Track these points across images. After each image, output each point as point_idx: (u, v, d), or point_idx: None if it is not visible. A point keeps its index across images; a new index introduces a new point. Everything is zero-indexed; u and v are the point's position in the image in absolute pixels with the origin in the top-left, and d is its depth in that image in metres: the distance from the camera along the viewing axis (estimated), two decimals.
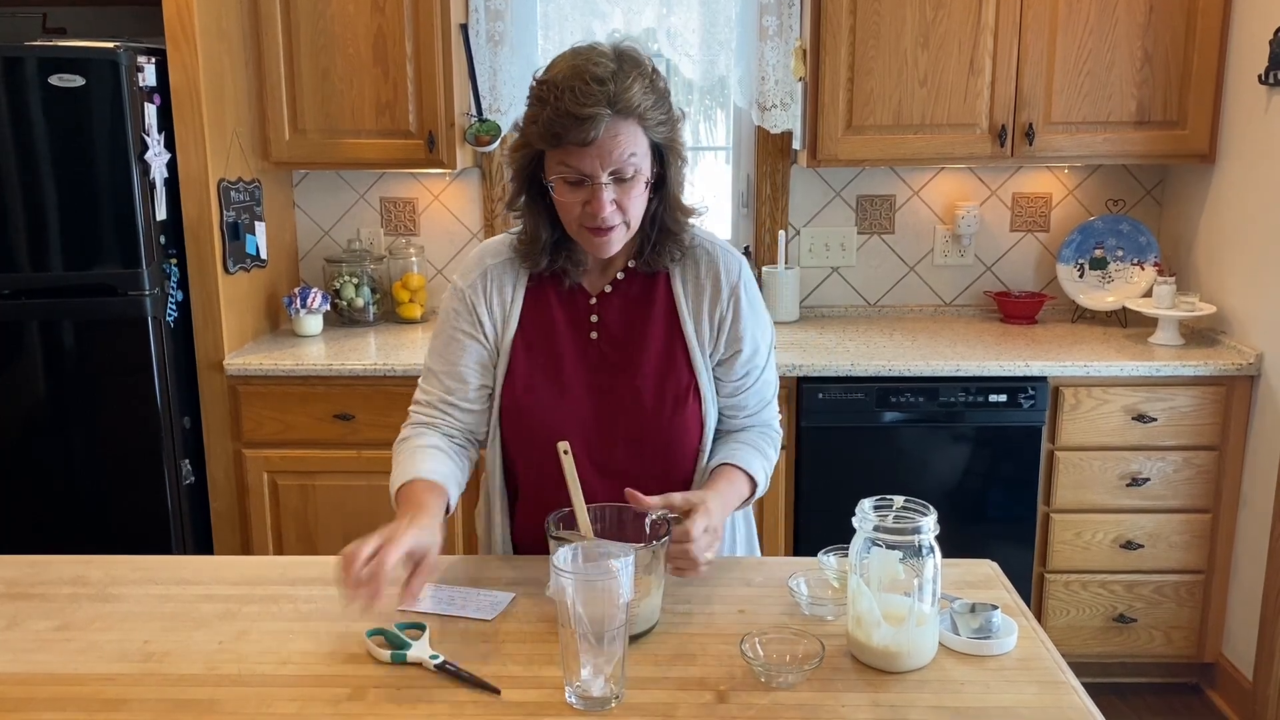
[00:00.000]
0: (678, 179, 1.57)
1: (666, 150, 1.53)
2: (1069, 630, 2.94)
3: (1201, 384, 2.82)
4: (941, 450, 2.87)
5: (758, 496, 1.65)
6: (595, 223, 1.49)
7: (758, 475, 1.61)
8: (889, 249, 3.43)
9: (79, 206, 2.70)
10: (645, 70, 1.48)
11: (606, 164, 1.45)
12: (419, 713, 1.20)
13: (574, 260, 1.61)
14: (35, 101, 2.63)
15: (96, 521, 2.86)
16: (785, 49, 3.14)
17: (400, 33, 2.98)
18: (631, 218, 1.51)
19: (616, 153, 1.45)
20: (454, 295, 1.65)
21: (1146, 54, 2.95)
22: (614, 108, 1.43)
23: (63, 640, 1.37)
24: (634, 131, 1.46)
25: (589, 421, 1.58)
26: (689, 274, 1.62)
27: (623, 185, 1.48)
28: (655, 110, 1.48)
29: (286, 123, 3.05)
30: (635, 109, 1.45)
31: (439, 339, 1.66)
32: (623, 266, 1.63)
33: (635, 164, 1.47)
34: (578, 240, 1.56)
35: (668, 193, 1.56)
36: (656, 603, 1.37)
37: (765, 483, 1.65)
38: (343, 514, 2.94)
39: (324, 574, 1.55)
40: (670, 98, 1.53)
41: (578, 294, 1.63)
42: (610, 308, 1.62)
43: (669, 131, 1.52)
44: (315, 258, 3.46)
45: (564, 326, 1.62)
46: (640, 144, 1.48)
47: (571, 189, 1.49)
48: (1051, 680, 1.26)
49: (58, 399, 2.80)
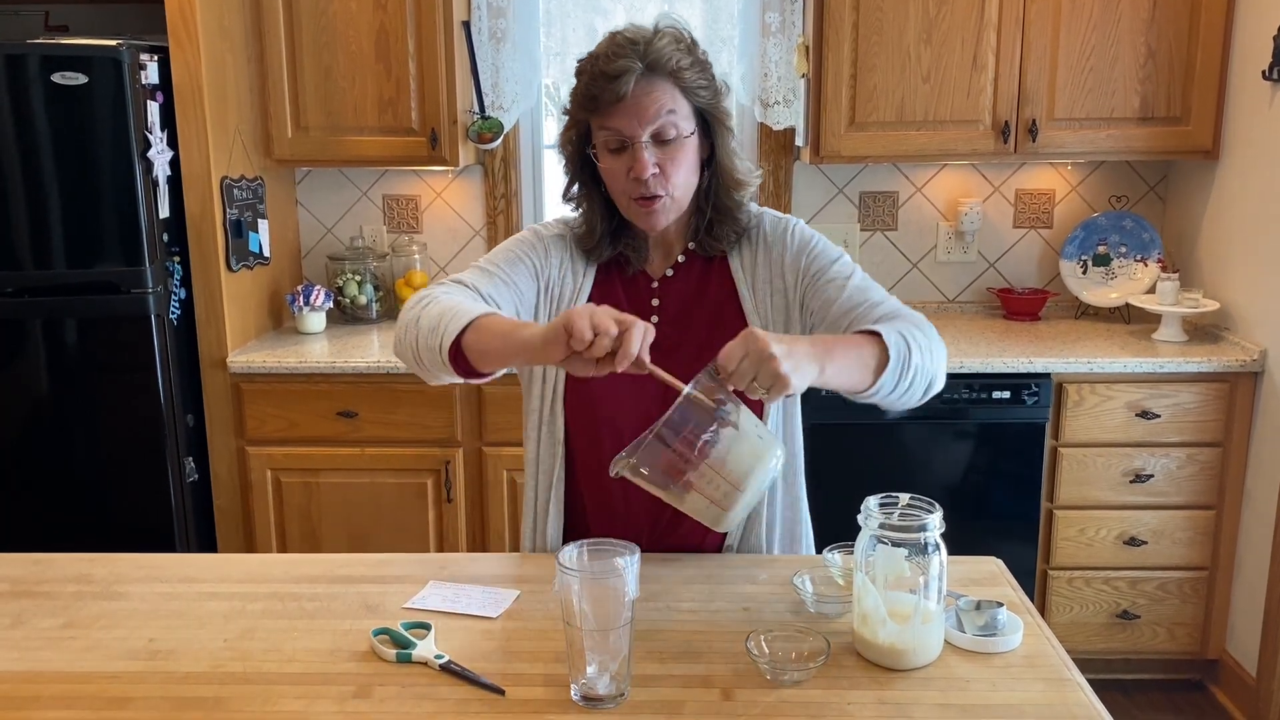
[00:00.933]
0: (727, 150, 1.56)
1: (711, 119, 1.53)
2: (1072, 627, 2.94)
3: (1205, 380, 2.81)
4: (945, 447, 2.86)
5: (900, 362, 1.39)
6: (640, 190, 1.49)
7: (886, 335, 1.40)
8: (892, 245, 3.43)
9: (82, 204, 2.70)
10: (681, 36, 1.50)
11: (644, 121, 1.46)
12: (424, 711, 1.20)
13: (633, 247, 1.60)
14: (38, 99, 2.63)
15: (100, 519, 2.86)
16: (788, 45, 3.14)
17: (402, 30, 2.97)
18: (676, 186, 1.50)
19: (653, 109, 1.46)
20: (534, 234, 1.63)
21: (1150, 49, 2.95)
22: (644, 61, 1.45)
23: (67, 638, 1.37)
24: (669, 89, 1.47)
25: (647, 404, 1.52)
26: (745, 253, 1.61)
27: (665, 149, 1.48)
28: (692, 71, 1.48)
29: (289, 120, 3.05)
30: (667, 64, 1.45)
31: (500, 252, 1.60)
32: (683, 249, 1.62)
33: (675, 123, 1.47)
34: (628, 217, 1.55)
35: (718, 165, 1.56)
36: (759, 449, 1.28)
37: (903, 343, 1.41)
38: (346, 511, 2.94)
39: (328, 571, 1.55)
40: (711, 69, 1.53)
41: (640, 279, 1.63)
42: (671, 291, 1.61)
43: (711, 97, 1.52)
44: (318, 255, 3.46)
45: (627, 309, 1.60)
46: (679, 104, 1.48)
47: (614, 156, 1.49)
48: (1057, 678, 1.26)
49: (61, 397, 2.80)
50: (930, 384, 1.47)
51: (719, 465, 1.26)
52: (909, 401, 1.47)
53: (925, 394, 1.47)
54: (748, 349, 1.23)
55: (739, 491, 1.27)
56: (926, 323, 1.51)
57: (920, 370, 1.43)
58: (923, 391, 1.47)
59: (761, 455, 1.28)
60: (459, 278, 1.55)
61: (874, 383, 1.39)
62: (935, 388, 1.48)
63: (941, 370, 1.48)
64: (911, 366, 1.41)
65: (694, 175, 1.54)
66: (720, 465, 1.26)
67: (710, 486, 1.27)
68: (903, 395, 1.44)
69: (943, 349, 1.50)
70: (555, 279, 1.61)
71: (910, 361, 1.41)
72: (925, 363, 1.43)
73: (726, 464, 1.26)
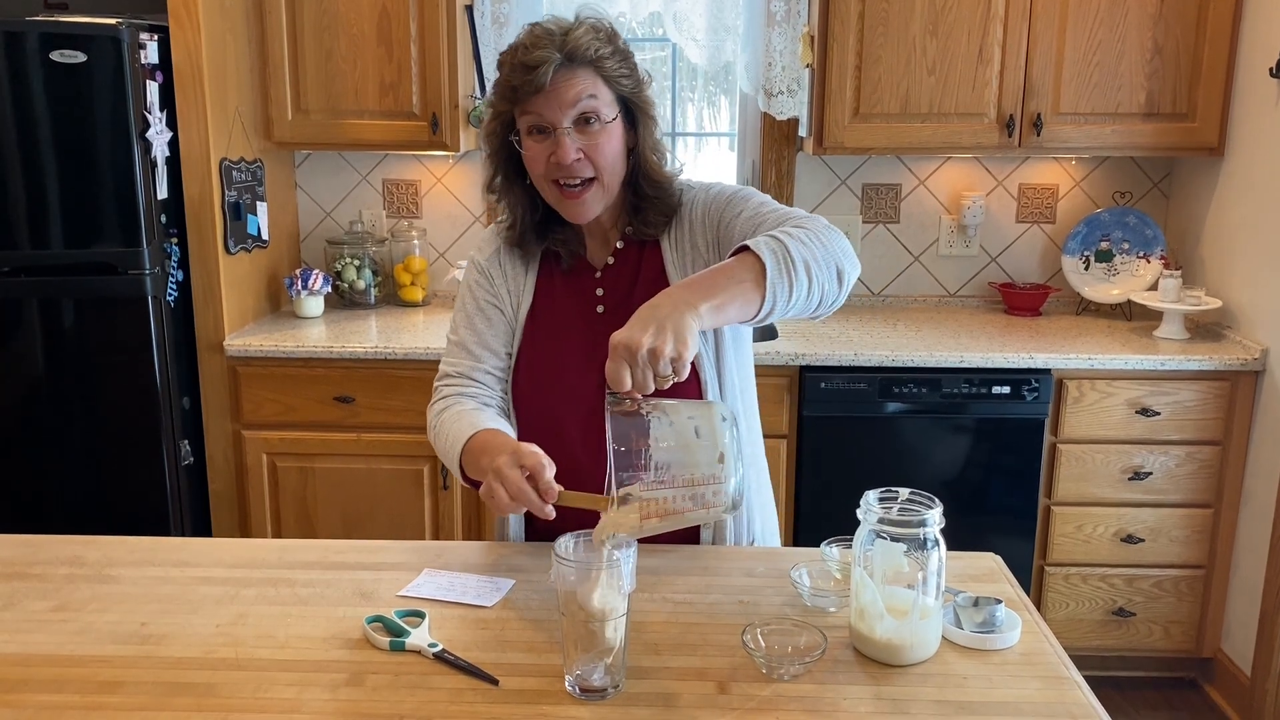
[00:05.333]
0: (649, 141, 1.56)
1: (635, 109, 1.54)
2: (1068, 623, 2.94)
3: (1206, 378, 2.80)
4: (944, 441, 2.86)
5: (778, 263, 1.30)
6: (562, 174, 1.49)
7: (754, 244, 1.32)
8: (894, 238, 3.41)
9: (80, 184, 2.68)
10: (601, 26, 1.51)
11: (564, 106, 1.47)
12: (417, 699, 1.19)
13: (562, 240, 1.61)
14: (36, 78, 2.61)
15: (94, 501, 2.85)
16: (793, 35, 3.12)
17: (405, 13, 2.95)
18: (602, 169, 1.51)
19: (572, 94, 1.47)
20: (473, 268, 1.67)
21: (1157, 45, 2.93)
22: (563, 50, 1.46)
23: (59, 621, 1.36)
24: (590, 76, 1.48)
25: (589, 401, 1.55)
26: (675, 233, 1.60)
27: (588, 134, 1.49)
28: (613, 61, 1.50)
29: (289, 102, 3.03)
30: (586, 53, 1.47)
31: (462, 312, 1.66)
32: (620, 237, 1.62)
33: (595, 107, 1.48)
34: (557, 209, 1.56)
35: (640, 155, 1.56)
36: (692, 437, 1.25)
37: (774, 243, 1.32)
38: (341, 496, 2.93)
39: (323, 557, 1.54)
40: (633, 59, 1.54)
41: (584, 270, 1.63)
42: (612, 280, 1.61)
43: (633, 86, 1.53)
44: (317, 239, 3.44)
45: (571, 304, 1.61)
46: (600, 90, 1.49)
47: (537, 141, 1.50)
48: (1055, 675, 1.25)
49: (56, 377, 2.78)
50: (838, 272, 1.36)
51: (686, 468, 1.24)
52: (825, 299, 1.36)
53: (841, 284, 1.38)
54: (623, 358, 1.21)
55: (720, 471, 1.24)
56: (814, 218, 1.42)
57: (813, 261, 1.32)
58: (835, 282, 1.36)
59: (709, 430, 1.24)
60: (446, 370, 1.63)
61: (764, 295, 1.29)
62: (849, 273, 1.38)
63: (846, 254, 1.38)
64: (797, 262, 1.30)
65: (621, 162, 1.54)
66: (687, 468, 1.24)
67: (697, 493, 1.25)
68: (807, 296, 1.33)
69: (837, 235, 1.39)
70: (505, 295, 1.64)
71: (792, 257, 1.30)
72: (814, 252, 1.33)
73: (694, 463, 1.24)
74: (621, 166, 1.55)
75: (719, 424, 1.24)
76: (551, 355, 1.60)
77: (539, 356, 1.61)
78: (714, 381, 1.56)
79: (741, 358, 1.63)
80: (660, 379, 1.22)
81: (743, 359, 1.63)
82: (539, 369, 1.60)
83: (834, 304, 1.39)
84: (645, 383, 1.22)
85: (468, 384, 1.61)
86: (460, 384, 1.62)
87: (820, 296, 1.35)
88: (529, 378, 1.61)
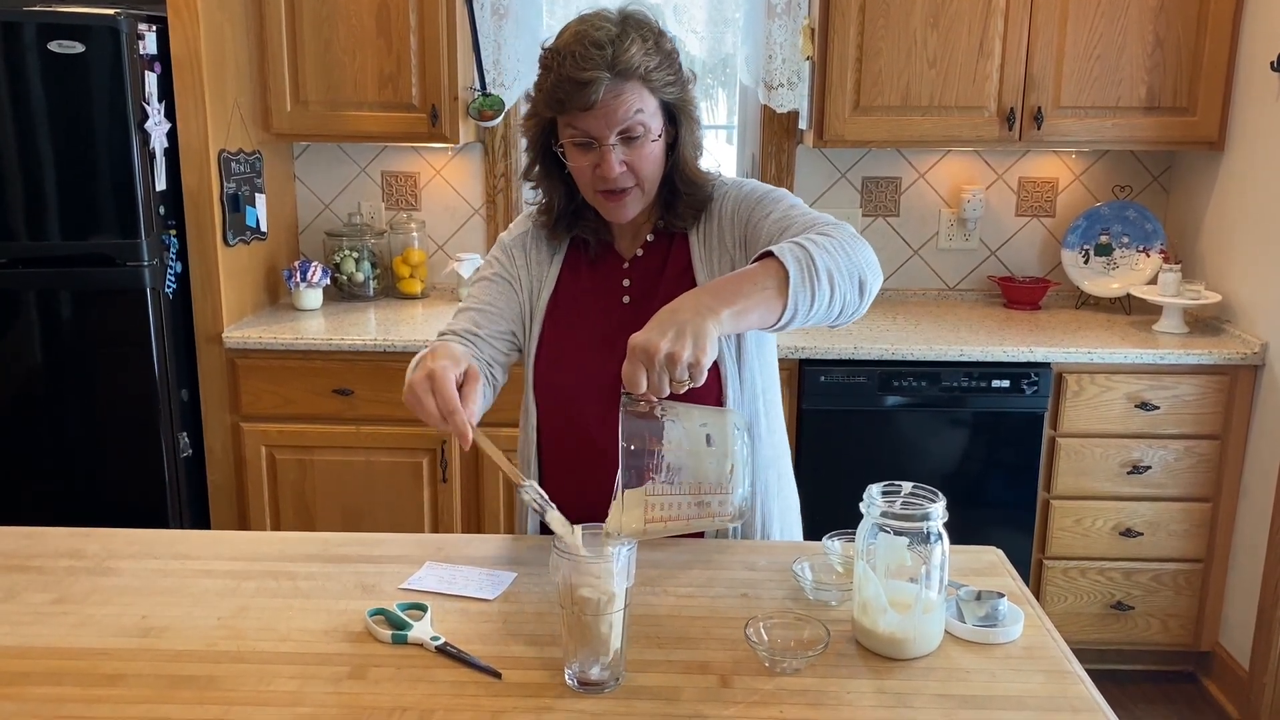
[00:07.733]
0: (690, 140, 1.56)
1: (678, 111, 1.53)
2: (1066, 617, 2.94)
3: (1205, 373, 2.80)
4: (943, 435, 2.86)
5: (802, 271, 1.29)
6: (607, 185, 1.50)
7: (778, 251, 1.31)
8: (894, 232, 3.41)
9: (78, 175, 2.67)
10: (649, 32, 1.49)
11: (612, 125, 1.46)
12: (419, 692, 1.19)
13: (592, 229, 1.61)
14: (34, 68, 2.60)
15: (92, 493, 2.84)
16: (793, 27, 3.11)
17: (404, 4, 2.94)
18: (644, 178, 1.51)
19: (621, 112, 1.45)
20: (498, 246, 1.68)
21: (1158, 39, 2.93)
22: (614, 70, 1.43)
23: (59, 613, 1.36)
24: (638, 91, 1.46)
25: (609, 383, 1.52)
26: (704, 227, 1.60)
27: (632, 146, 1.48)
28: (660, 70, 1.48)
29: (288, 94, 3.02)
30: (636, 70, 1.45)
31: (477, 284, 1.66)
32: (651, 229, 1.62)
33: (643, 121, 1.47)
34: (595, 206, 1.56)
35: (679, 155, 1.56)
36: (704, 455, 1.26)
37: (799, 250, 1.31)
38: (340, 489, 2.93)
39: (324, 550, 1.54)
40: (678, 58, 1.53)
41: (611, 260, 1.63)
42: (640, 272, 1.61)
43: (679, 92, 1.53)
44: (315, 231, 3.44)
45: (596, 293, 1.61)
46: (647, 102, 1.48)
47: (581, 152, 1.49)
48: (1057, 669, 1.25)
49: (54, 369, 2.78)
50: (862, 283, 1.36)
51: (696, 474, 1.24)
52: (846, 309, 1.35)
53: (863, 295, 1.37)
54: (640, 361, 1.20)
55: (729, 480, 1.25)
56: (841, 224, 1.42)
57: (837, 271, 1.32)
58: (856, 293, 1.35)
59: (721, 438, 1.25)
60: (452, 326, 1.60)
61: (786, 303, 1.28)
62: (872, 284, 1.38)
63: (870, 265, 1.38)
64: (820, 271, 1.29)
65: (661, 168, 1.54)
66: (696, 474, 1.24)
67: (704, 500, 1.25)
68: (829, 305, 1.32)
69: (863, 245, 1.39)
70: (526, 279, 1.64)
71: (816, 265, 1.29)
72: (839, 261, 1.32)
73: (703, 469, 1.24)
74: (661, 171, 1.54)
75: (732, 433, 1.25)
76: (573, 338, 1.60)
77: (561, 337, 1.61)
78: (735, 382, 1.56)
79: (764, 358, 1.62)
80: (676, 384, 1.22)
81: (765, 360, 1.63)
82: (560, 350, 1.60)
83: (855, 314, 1.39)
84: (661, 387, 1.21)
85: (460, 340, 1.57)
86: (454, 338, 1.58)
87: (842, 306, 1.35)
88: (549, 357, 1.60)
